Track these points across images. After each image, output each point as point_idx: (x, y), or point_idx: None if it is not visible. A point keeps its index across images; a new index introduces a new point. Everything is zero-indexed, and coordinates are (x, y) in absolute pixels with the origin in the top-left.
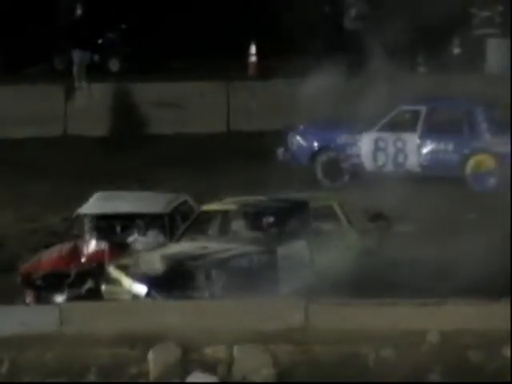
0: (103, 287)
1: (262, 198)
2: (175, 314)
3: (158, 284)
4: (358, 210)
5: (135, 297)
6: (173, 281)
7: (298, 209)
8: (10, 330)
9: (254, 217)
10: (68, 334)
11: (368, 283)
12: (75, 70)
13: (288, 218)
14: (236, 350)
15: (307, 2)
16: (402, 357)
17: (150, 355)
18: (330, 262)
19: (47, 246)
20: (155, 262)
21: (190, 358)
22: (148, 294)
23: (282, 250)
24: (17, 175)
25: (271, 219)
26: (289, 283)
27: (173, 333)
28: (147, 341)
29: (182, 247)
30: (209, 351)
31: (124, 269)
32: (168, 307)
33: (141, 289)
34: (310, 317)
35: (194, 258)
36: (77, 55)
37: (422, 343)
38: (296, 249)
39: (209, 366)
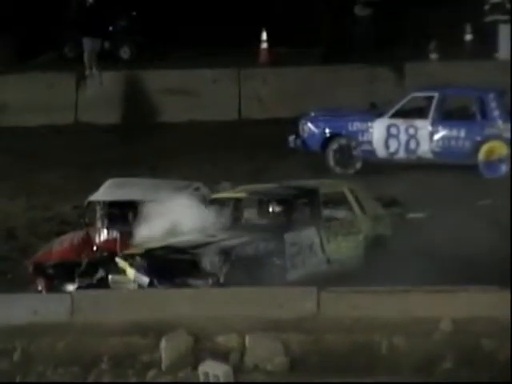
0: (110, 277)
1: (272, 185)
2: (187, 303)
3: (162, 273)
4: (371, 196)
5: (139, 287)
6: (177, 269)
7: (307, 195)
8: (22, 319)
9: (263, 204)
10: (80, 322)
11: (380, 271)
12: (86, 57)
13: (297, 204)
14: (248, 338)
15: None
16: (414, 345)
17: (162, 344)
18: (341, 249)
19: (59, 235)
20: (158, 251)
21: (201, 346)
22: (150, 284)
23: (289, 237)
24: (28, 163)
25: (279, 206)
26: (297, 270)
27: (184, 321)
28: (159, 329)
29: (189, 236)
30: (221, 340)
31: (130, 258)
32: (180, 296)
33: (143, 279)
34: (322, 305)
35: (199, 246)
36: (87, 43)
37: (435, 331)
38: (305, 235)
39: (221, 355)
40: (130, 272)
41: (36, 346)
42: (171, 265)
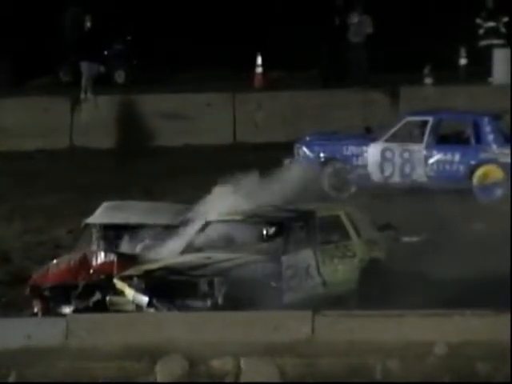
0: (107, 298)
1: (268, 207)
2: (182, 327)
3: (161, 294)
4: (366, 219)
5: (138, 307)
6: (174, 291)
7: (304, 218)
8: (16, 343)
9: (259, 226)
10: (75, 346)
11: (375, 294)
12: (83, 82)
13: (294, 227)
14: (243, 362)
15: (312, 14)
16: (408, 368)
17: (157, 368)
18: (336, 272)
19: (53, 259)
20: (157, 272)
21: (197, 370)
22: (150, 304)
23: (286, 259)
24: (23, 187)
25: (276, 228)
26: (294, 293)
27: (180, 345)
28: (154, 353)
29: (187, 257)
30: (216, 363)
31: (128, 280)
32: (175, 319)
33: (143, 299)
34: (317, 329)
35: (197, 267)
36: (85, 67)
37: (429, 355)
38: (302, 258)
39: (216, 379)
40: (129, 292)
41: (31, 370)
42: (169, 286)
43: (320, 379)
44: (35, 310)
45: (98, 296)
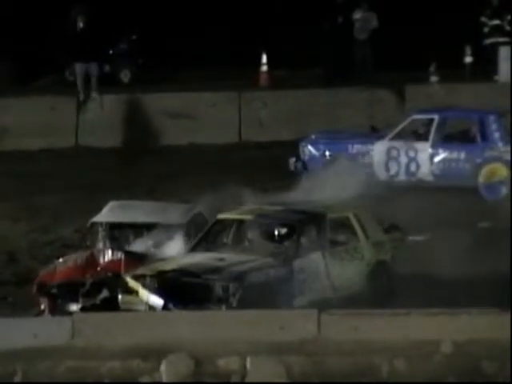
0: (120, 297)
1: (278, 207)
2: (188, 326)
3: (176, 297)
4: (373, 220)
5: (151, 308)
6: (190, 294)
7: (315, 221)
8: (22, 342)
9: (270, 227)
10: (80, 345)
11: (383, 295)
12: (78, 82)
13: (305, 229)
14: (249, 361)
15: (315, 12)
16: (415, 367)
17: (163, 367)
18: (345, 274)
19: (59, 258)
20: (172, 274)
21: (203, 369)
22: (165, 307)
23: (298, 263)
24: (28, 186)
25: (287, 230)
26: (305, 296)
27: (185, 344)
28: (160, 352)
29: (199, 258)
30: (222, 363)
31: (141, 279)
32: (181, 318)
33: (158, 301)
34: (323, 328)
35: (212, 270)
36: (78, 68)
37: (436, 353)
38: (312, 261)
39: (222, 378)
40: (143, 293)
41: (36, 369)
42: (184, 289)
43: (326, 378)
44: (42, 307)
45: (105, 293)
